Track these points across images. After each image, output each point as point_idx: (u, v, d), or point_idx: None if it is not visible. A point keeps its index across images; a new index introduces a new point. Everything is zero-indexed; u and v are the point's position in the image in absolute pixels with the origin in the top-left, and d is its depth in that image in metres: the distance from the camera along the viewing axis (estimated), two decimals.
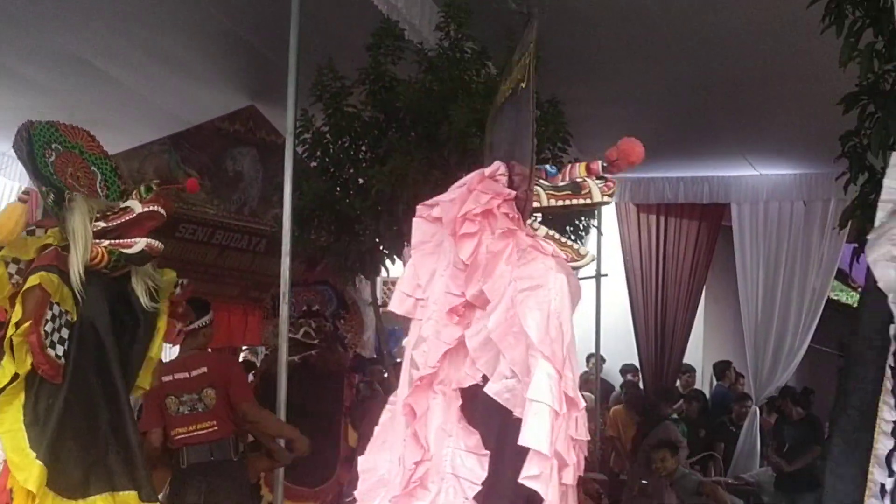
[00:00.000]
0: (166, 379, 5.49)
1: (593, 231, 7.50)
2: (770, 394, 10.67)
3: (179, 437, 5.48)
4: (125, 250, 3.86)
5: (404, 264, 10.82)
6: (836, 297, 14.99)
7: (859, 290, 15.68)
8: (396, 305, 3.36)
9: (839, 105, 4.73)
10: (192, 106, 8.78)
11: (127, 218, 3.90)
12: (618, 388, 11.85)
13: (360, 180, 6.29)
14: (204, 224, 9.20)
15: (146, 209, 3.90)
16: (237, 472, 5.56)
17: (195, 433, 5.48)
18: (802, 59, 6.94)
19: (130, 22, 7.16)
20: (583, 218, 6.74)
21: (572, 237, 6.77)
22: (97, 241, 3.85)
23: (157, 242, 3.89)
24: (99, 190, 4.20)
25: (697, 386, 11.82)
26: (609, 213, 11.00)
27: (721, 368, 11.93)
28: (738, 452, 10.64)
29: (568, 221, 6.67)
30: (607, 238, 10.50)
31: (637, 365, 11.56)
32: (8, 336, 3.69)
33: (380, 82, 6.38)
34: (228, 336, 11.05)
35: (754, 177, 10.64)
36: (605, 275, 10.54)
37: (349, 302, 7.88)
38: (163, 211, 3.92)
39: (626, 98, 8.24)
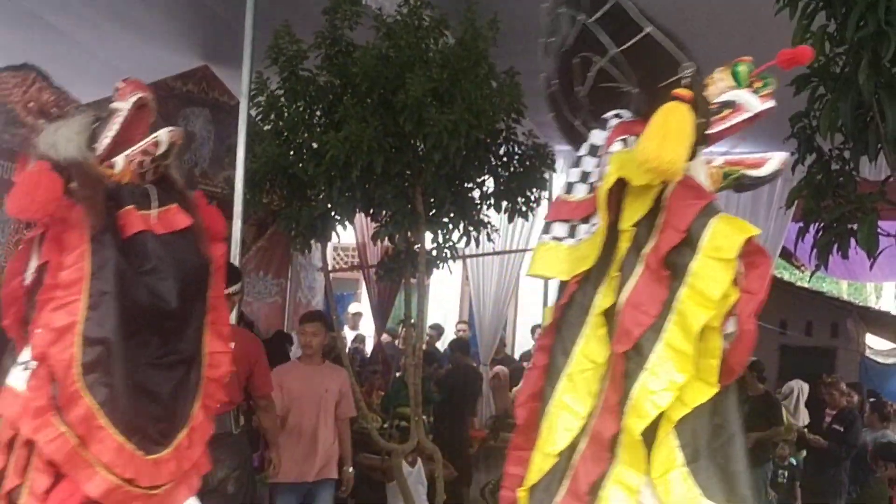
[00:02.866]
0: None
1: (544, 203, 7.54)
2: None
3: None
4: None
5: (356, 230, 10.89)
6: (779, 276, 15.26)
7: (802, 268, 16.00)
8: None
9: (790, 86, 4.79)
10: (146, 64, 8.66)
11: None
12: None
13: (314, 145, 6.27)
14: None
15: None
16: (237, 445, 5.49)
17: None
18: (754, 39, 7.00)
19: None
20: (535, 190, 6.79)
21: (524, 208, 6.82)
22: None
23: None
24: None
25: None
26: (560, 186, 11.04)
27: None
28: None
29: (521, 193, 6.71)
30: None
31: None
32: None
33: (336, 47, 6.36)
34: None
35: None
36: None
37: None
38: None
39: None
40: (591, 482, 2.76)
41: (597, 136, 3.13)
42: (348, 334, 12.46)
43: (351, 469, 6.78)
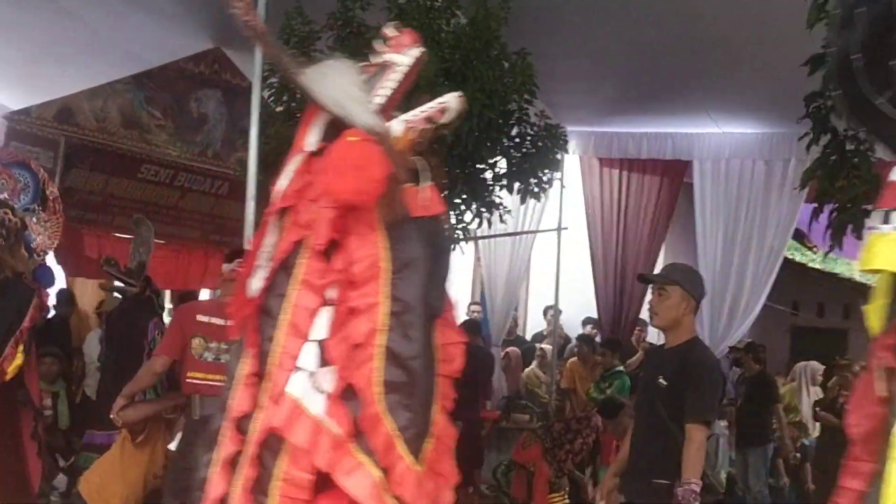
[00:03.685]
0: (201, 319, 5.34)
1: (556, 183, 7.54)
2: (723, 350, 10.83)
3: (193, 381, 5.29)
4: None
5: None
6: (791, 257, 15.22)
7: (815, 249, 15.95)
8: None
9: (804, 66, 4.77)
10: (157, 47, 8.68)
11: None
12: (574, 341, 11.97)
13: None
14: (166, 166, 9.17)
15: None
16: None
17: (210, 383, 5.22)
18: (770, 19, 6.98)
19: None
20: (547, 171, 6.79)
21: (536, 189, 6.83)
22: None
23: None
24: None
25: (652, 340, 11.96)
26: (573, 166, 11.05)
27: None
28: None
29: (533, 174, 6.72)
30: (570, 191, 10.55)
31: (596, 317, 11.67)
32: None
33: (348, 28, 6.35)
34: (186, 279, 11.05)
35: (717, 134, 10.69)
36: (566, 228, 10.61)
37: (50, 197, 5.92)
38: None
39: (594, 52, 8.25)
40: None
41: None
42: None
43: None
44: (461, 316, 12.13)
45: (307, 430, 2.47)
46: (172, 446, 5.49)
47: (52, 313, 8.20)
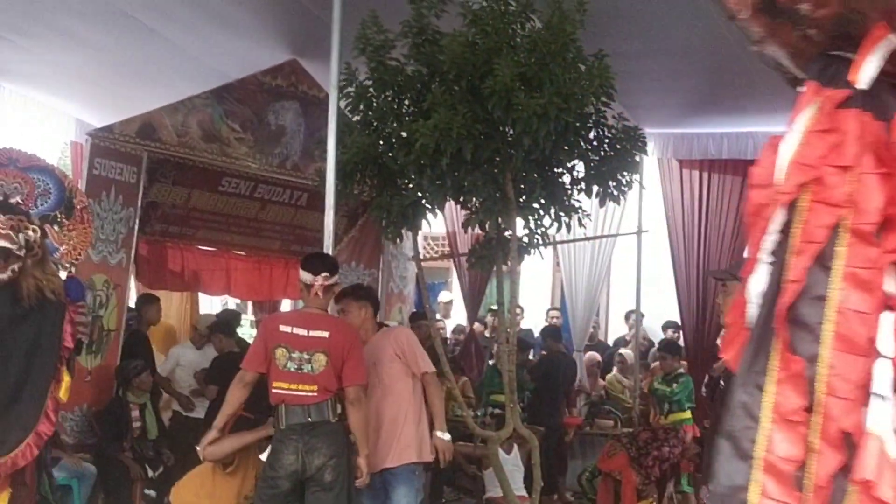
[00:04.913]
0: (284, 329, 5.43)
1: (636, 186, 7.46)
2: None
3: (279, 391, 5.37)
4: None
5: (445, 219, 10.90)
6: None
7: None
8: None
9: None
10: (235, 60, 8.80)
11: None
12: (657, 345, 11.83)
13: (404, 134, 6.29)
14: (246, 178, 9.29)
15: None
16: (335, 434, 5.42)
17: (295, 393, 5.34)
18: None
19: None
20: (626, 173, 6.71)
21: (615, 192, 6.76)
22: None
23: None
24: None
25: None
26: (652, 169, 10.94)
27: None
28: None
29: (611, 177, 6.65)
30: (650, 193, 10.44)
31: (679, 322, 11.52)
32: None
33: (423, 35, 6.36)
34: (269, 289, 11.19)
35: None
36: (647, 231, 10.50)
37: (78, 206, 5.33)
38: None
39: (672, 51, 8.14)
40: None
41: None
42: (448, 325, 12.50)
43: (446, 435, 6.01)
44: (541, 321, 12.11)
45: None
46: (263, 456, 5.54)
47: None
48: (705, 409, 8.91)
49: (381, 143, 6.52)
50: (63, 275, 5.28)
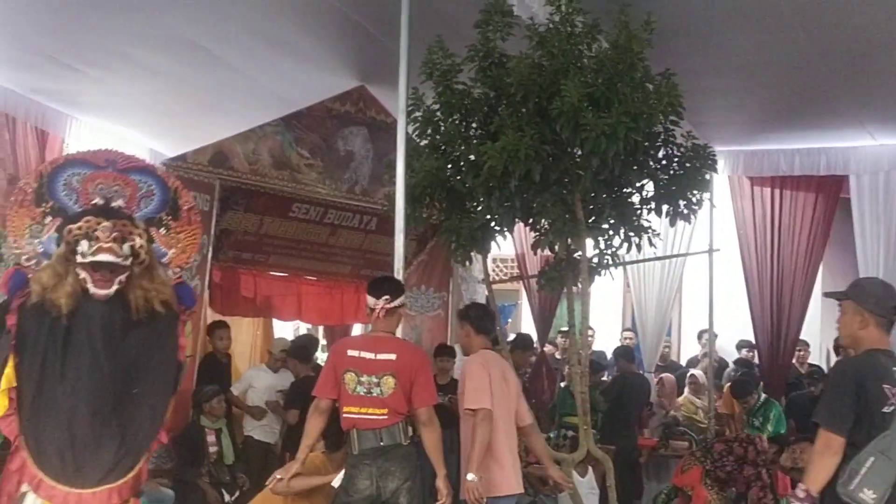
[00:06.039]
0: (352, 353, 5.45)
1: (706, 204, 7.38)
2: None
3: (350, 416, 5.39)
4: None
5: (514, 241, 10.90)
6: None
7: None
8: None
9: None
10: (303, 88, 8.93)
11: None
12: (731, 365, 11.66)
13: (472, 157, 6.31)
14: (316, 203, 9.39)
15: None
16: (408, 457, 5.41)
17: (365, 416, 5.35)
18: None
19: (243, 6, 7.31)
20: (696, 192, 6.65)
21: (685, 211, 6.70)
22: None
23: None
24: None
25: (813, 361, 11.55)
26: (722, 187, 10.82)
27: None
28: None
29: (681, 195, 6.59)
30: (720, 212, 10.32)
31: (752, 341, 11.35)
32: None
33: (489, 59, 6.39)
34: (340, 314, 11.25)
35: (874, 147, 10.29)
36: (718, 249, 10.37)
37: (184, 206, 4.92)
38: None
39: (741, 68, 8.07)
40: None
41: None
42: None
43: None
44: (612, 343, 12.00)
45: None
46: (336, 483, 5.56)
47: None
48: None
49: (450, 166, 6.55)
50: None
